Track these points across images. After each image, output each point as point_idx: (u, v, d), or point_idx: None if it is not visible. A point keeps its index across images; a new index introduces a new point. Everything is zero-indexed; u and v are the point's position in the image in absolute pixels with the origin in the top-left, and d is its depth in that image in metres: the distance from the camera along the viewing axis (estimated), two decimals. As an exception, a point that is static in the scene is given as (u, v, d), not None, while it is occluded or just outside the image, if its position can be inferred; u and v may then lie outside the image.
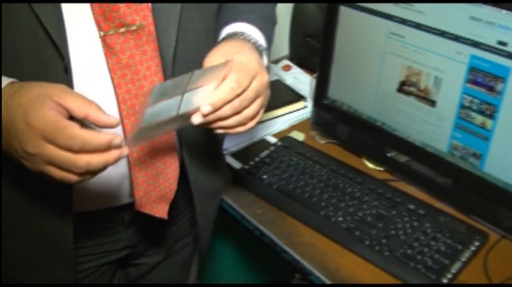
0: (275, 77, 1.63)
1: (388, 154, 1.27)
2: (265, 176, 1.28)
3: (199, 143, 1.09)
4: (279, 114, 1.50)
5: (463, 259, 1.06)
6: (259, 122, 1.45)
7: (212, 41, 1.02)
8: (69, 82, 0.86)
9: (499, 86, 1.04)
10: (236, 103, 0.86)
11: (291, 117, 1.50)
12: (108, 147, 0.76)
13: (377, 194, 1.21)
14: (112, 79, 0.88)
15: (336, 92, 1.35)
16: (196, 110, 0.85)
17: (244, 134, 1.43)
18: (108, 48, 0.86)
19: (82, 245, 1.06)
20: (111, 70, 0.87)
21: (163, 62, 0.92)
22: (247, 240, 1.92)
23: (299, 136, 1.43)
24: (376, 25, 1.20)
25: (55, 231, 0.99)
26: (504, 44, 1.01)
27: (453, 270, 1.04)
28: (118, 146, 0.77)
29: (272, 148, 1.37)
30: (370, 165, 1.33)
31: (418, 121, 1.19)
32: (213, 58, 0.89)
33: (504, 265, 1.07)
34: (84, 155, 0.75)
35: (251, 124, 0.92)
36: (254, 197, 1.27)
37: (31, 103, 0.74)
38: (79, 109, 0.75)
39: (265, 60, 1.00)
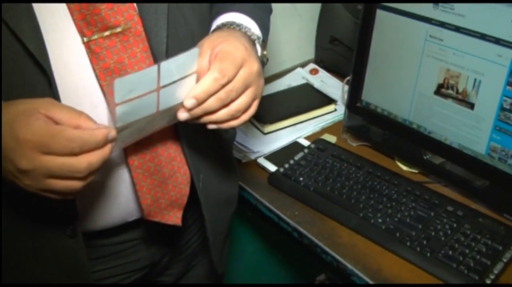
0: (303, 81, 1.65)
1: (424, 157, 1.28)
2: (301, 178, 1.30)
3: (205, 147, 1.02)
4: (310, 117, 1.52)
5: (505, 259, 1.07)
6: (290, 125, 1.48)
7: (207, 33, 0.97)
8: (54, 96, 0.80)
9: (540, 89, 1.05)
10: (222, 94, 0.80)
11: (322, 120, 1.52)
12: (105, 143, 0.73)
13: (415, 196, 1.22)
14: (101, 86, 0.83)
15: (370, 95, 1.36)
16: (181, 104, 0.80)
17: (276, 137, 1.46)
18: (93, 54, 0.81)
19: (98, 269, 1.02)
20: (99, 77, 0.82)
21: (156, 61, 0.86)
22: (268, 241, 1.94)
23: (331, 139, 1.44)
24: (415, 28, 1.22)
25: (68, 254, 0.93)
26: (547, 47, 1.03)
27: (495, 271, 1.05)
28: (112, 139, 0.75)
29: (306, 150, 1.38)
30: (404, 167, 1.34)
31: (455, 123, 1.20)
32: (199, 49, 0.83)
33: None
34: (84, 156, 0.72)
35: (245, 117, 0.86)
36: (291, 199, 1.28)
37: (17, 118, 0.70)
38: (69, 121, 0.72)
39: (258, 49, 0.95)
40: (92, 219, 0.94)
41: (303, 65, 1.76)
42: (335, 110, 1.54)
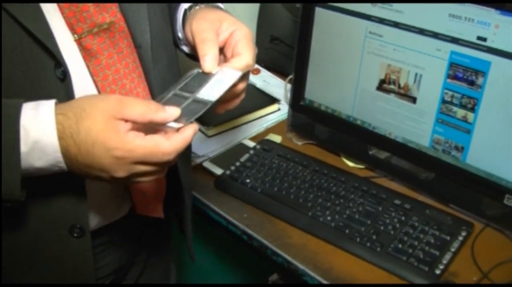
0: (246, 81, 1.63)
1: (370, 152, 1.29)
2: (248, 180, 1.28)
3: None
4: (254, 117, 1.50)
5: (453, 249, 1.09)
6: (235, 127, 1.47)
7: (165, 23, 1.00)
8: (68, 91, 0.82)
9: (479, 80, 1.07)
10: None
11: (266, 120, 1.51)
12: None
13: (362, 192, 1.22)
14: (95, 82, 0.86)
15: (313, 93, 1.36)
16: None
17: (220, 139, 1.44)
18: (85, 51, 0.84)
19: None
20: (93, 73, 0.85)
21: (140, 56, 0.91)
22: (221, 243, 1.92)
23: (276, 138, 1.43)
24: (354, 25, 1.22)
25: (73, 255, 0.92)
26: (483, 39, 1.05)
27: (444, 261, 1.07)
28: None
29: (252, 151, 1.36)
30: (350, 163, 1.34)
31: (399, 118, 1.21)
32: (205, 34, 0.88)
33: (491, 253, 1.10)
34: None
35: (243, 95, 0.95)
36: (239, 202, 1.26)
37: (106, 135, 0.72)
38: (142, 118, 0.74)
39: None
40: (95, 217, 0.96)
41: (244, 65, 1.74)
42: (279, 109, 1.53)
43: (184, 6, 0.99)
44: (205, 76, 0.86)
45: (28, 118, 0.72)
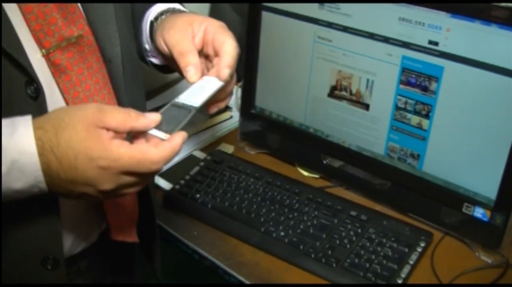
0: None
1: (324, 161, 1.24)
2: (198, 195, 1.22)
3: None
4: (205, 127, 1.44)
5: (411, 262, 1.05)
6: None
7: (130, 35, 0.96)
8: (42, 110, 0.75)
9: (433, 86, 1.03)
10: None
11: (218, 128, 1.44)
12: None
13: (317, 203, 1.17)
14: (66, 100, 0.80)
15: (264, 100, 1.30)
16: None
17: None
18: (54, 67, 0.78)
19: None
20: (63, 91, 0.79)
21: (110, 71, 0.86)
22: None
23: (228, 148, 1.37)
24: (302, 29, 1.17)
25: None
26: (435, 43, 1.01)
27: (403, 275, 1.03)
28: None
29: (201, 164, 1.30)
30: (305, 173, 1.29)
31: (352, 125, 1.16)
32: (182, 46, 0.84)
33: (451, 262, 1.07)
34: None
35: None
36: (189, 219, 1.20)
37: (88, 144, 0.67)
38: (123, 126, 0.70)
39: None
40: (66, 245, 0.89)
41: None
42: (231, 117, 1.47)
43: (150, 17, 0.94)
44: (188, 85, 0.84)
45: (4, 136, 0.66)
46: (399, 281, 1.01)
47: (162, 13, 0.93)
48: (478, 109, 0.99)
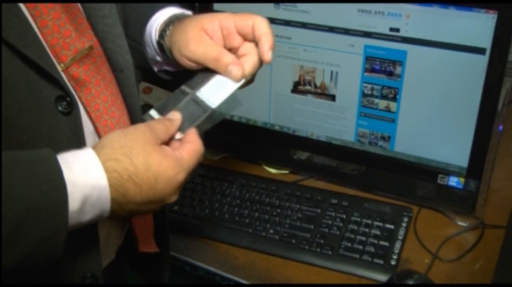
0: (140, 103, 1.53)
1: (294, 156, 1.27)
2: (175, 207, 1.20)
3: None
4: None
5: (400, 237, 1.11)
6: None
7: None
8: (76, 126, 0.73)
9: (398, 70, 1.09)
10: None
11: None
12: None
13: (296, 197, 1.20)
14: (89, 113, 0.77)
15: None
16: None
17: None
18: (74, 81, 0.74)
19: None
20: (85, 104, 0.76)
21: (120, 81, 0.83)
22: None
23: (189, 157, 1.37)
24: (259, 31, 1.19)
25: None
26: (397, 30, 1.07)
27: (396, 250, 1.08)
28: None
29: (170, 176, 1.29)
30: (273, 170, 1.32)
31: (319, 117, 1.21)
32: (202, 48, 0.82)
33: (432, 232, 1.14)
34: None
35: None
36: (172, 233, 1.18)
37: (165, 164, 0.69)
38: (168, 136, 0.73)
39: None
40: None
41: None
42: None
43: (153, 34, 0.91)
44: (208, 74, 0.82)
45: (72, 172, 0.63)
46: (395, 257, 1.07)
47: (164, 30, 0.89)
48: (443, 85, 1.07)
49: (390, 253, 1.07)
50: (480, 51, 1.01)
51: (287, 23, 1.16)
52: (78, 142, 0.73)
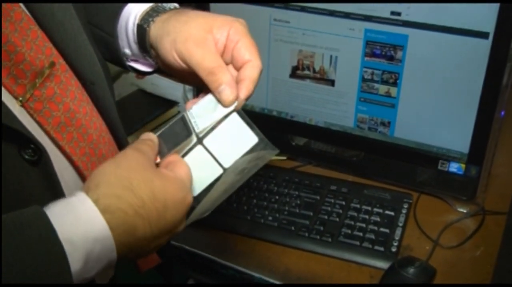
0: (134, 88, 1.51)
1: (293, 142, 1.25)
2: (172, 195, 1.19)
3: None
4: (155, 126, 1.40)
5: (400, 224, 1.10)
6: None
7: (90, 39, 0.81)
8: (46, 173, 0.64)
9: (398, 54, 1.07)
10: None
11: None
12: None
13: (295, 184, 1.19)
14: (62, 147, 0.67)
15: (219, 90, 1.29)
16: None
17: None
18: (38, 113, 0.65)
19: None
20: (56, 138, 0.67)
21: (92, 94, 0.74)
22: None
23: (185, 144, 1.35)
24: (256, 14, 1.16)
25: None
26: (398, 14, 1.05)
27: (396, 237, 1.07)
28: None
29: (165, 163, 1.27)
30: (270, 156, 1.30)
31: (318, 103, 1.19)
32: (208, 63, 0.72)
33: (432, 219, 1.13)
34: None
35: None
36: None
37: (169, 189, 0.63)
38: (154, 156, 0.68)
39: None
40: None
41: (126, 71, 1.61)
42: (179, 112, 1.44)
43: (132, 19, 0.79)
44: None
45: (69, 225, 0.55)
46: (395, 244, 1.06)
47: (150, 15, 0.78)
48: (445, 70, 1.05)
49: (391, 240, 1.07)
50: (483, 35, 1.00)
51: (286, 6, 1.14)
52: (53, 190, 0.65)
